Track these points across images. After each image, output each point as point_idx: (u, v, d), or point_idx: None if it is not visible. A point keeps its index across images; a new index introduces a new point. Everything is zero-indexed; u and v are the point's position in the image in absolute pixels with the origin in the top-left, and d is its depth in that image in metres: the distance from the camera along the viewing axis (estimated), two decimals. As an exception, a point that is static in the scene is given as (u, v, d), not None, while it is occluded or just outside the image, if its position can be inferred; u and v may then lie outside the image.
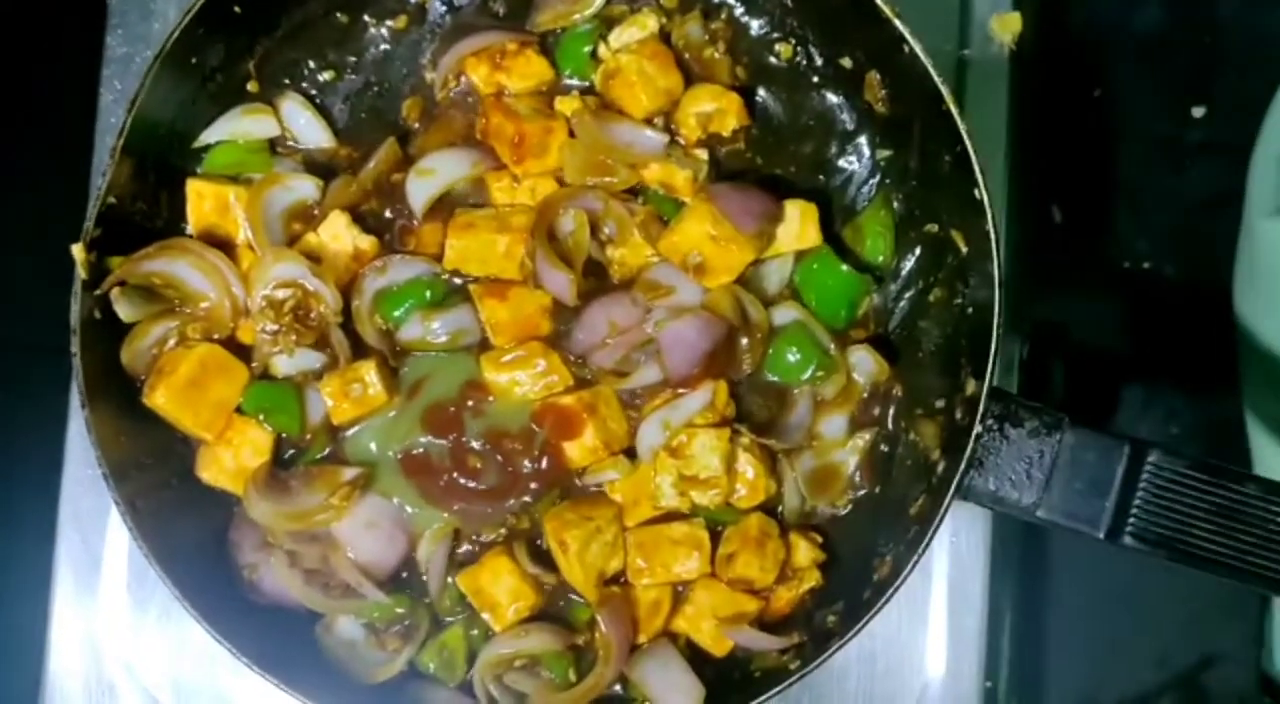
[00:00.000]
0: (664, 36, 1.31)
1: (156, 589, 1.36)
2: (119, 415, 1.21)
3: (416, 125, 1.33)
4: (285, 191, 1.27)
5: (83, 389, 1.17)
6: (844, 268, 1.28)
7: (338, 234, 1.26)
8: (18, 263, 1.50)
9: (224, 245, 1.26)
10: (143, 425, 1.23)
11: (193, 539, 1.25)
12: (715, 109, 1.29)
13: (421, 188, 1.28)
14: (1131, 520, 1.07)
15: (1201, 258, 1.45)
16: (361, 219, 1.28)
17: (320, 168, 1.31)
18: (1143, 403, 1.59)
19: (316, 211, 1.27)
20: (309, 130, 1.31)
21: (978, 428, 1.12)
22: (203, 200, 1.26)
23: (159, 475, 1.24)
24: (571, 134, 1.28)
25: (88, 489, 1.40)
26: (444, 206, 1.29)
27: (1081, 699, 1.58)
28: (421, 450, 1.26)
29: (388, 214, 1.30)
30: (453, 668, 1.27)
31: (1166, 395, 1.61)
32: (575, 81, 1.31)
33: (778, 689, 1.17)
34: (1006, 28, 1.41)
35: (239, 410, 1.25)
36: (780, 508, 1.30)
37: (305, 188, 1.27)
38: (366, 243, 1.27)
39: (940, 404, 1.23)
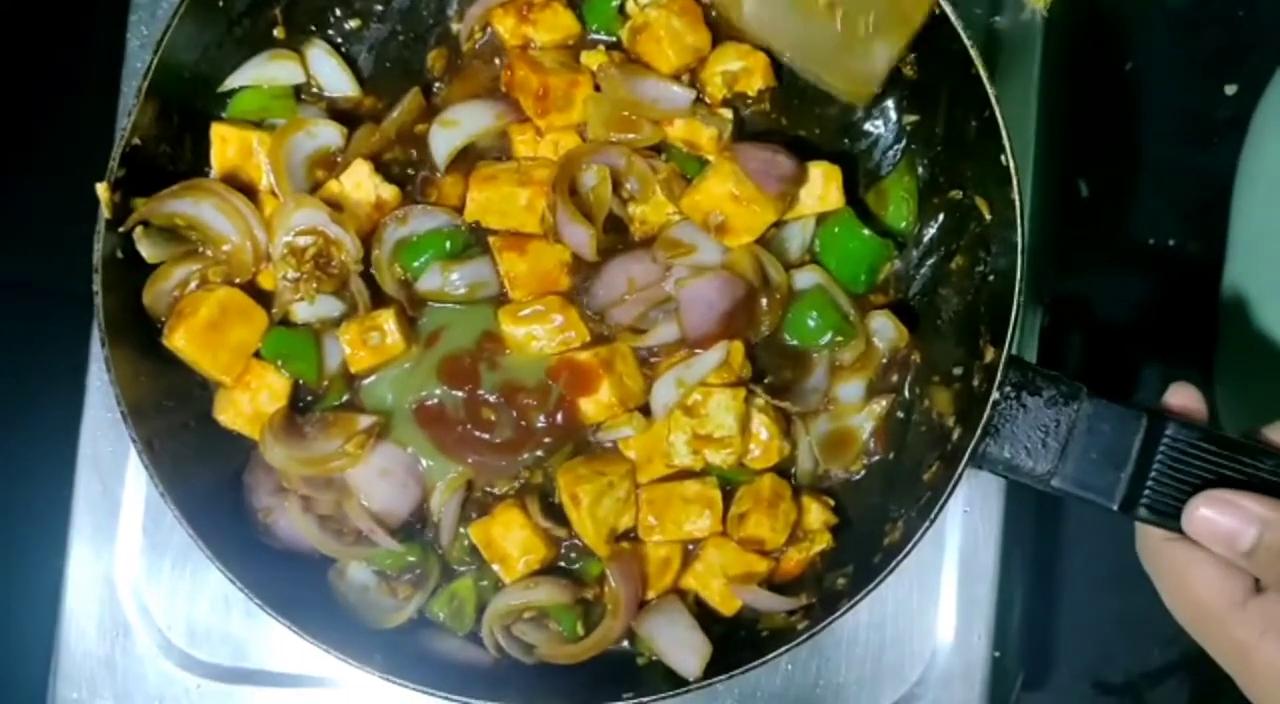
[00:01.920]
0: (693, -7, 1.29)
1: (172, 534, 1.39)
2: (139, 356, 1.22)
3: (441, 76, 1.32)
4: (309, 138, 1.27)
5: (103, 328, 1.18)
6: (865, 232, 1.27)
7: (360, 182, 1.26)
8: (43, 208, 1.50)
9: (247, 190, 1.26)
10: (162, 367, 1.23)
11: (209, 482, 1.26)
12: (741, 68, 1.28)
13: (445, 139, 1.28)
14: (1146, 492, 1.07)
15: (1227, 237, 1.43)
16: (384, 168, 1.28)
17: (344, 116, 1.30)
18: (1162, 379, 1.58)
19: (339, 159, 1.27)
20: (334, 78, 1.31)
21: (995, 395, 1.11)
22: (226, 145, 1.26)
23: (177, 418, 1.25)
24: (597, 88, 1.27)
25: (107, 433, 1.41)
26: (466, 159, 1.29)
27: (1089, 675, 1.58)
28: (436, 401, 1.26)
29: (410, 165, 1.30)
30: (462, 617, 1.28)
31: (1186, 373, 1.59)
32: (602, 37, 1.31)
33: (784, 649, 1.17)
34: (1039, -5, 1.40)
35: (257, 355, 1.25)
36: (793, 470, 1.30)
37: (329, 135, 1.27)
38: (388, 192, 1.26)
39: (958, 372, 1.23)
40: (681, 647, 1.23)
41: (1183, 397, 1.10)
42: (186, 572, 1.39)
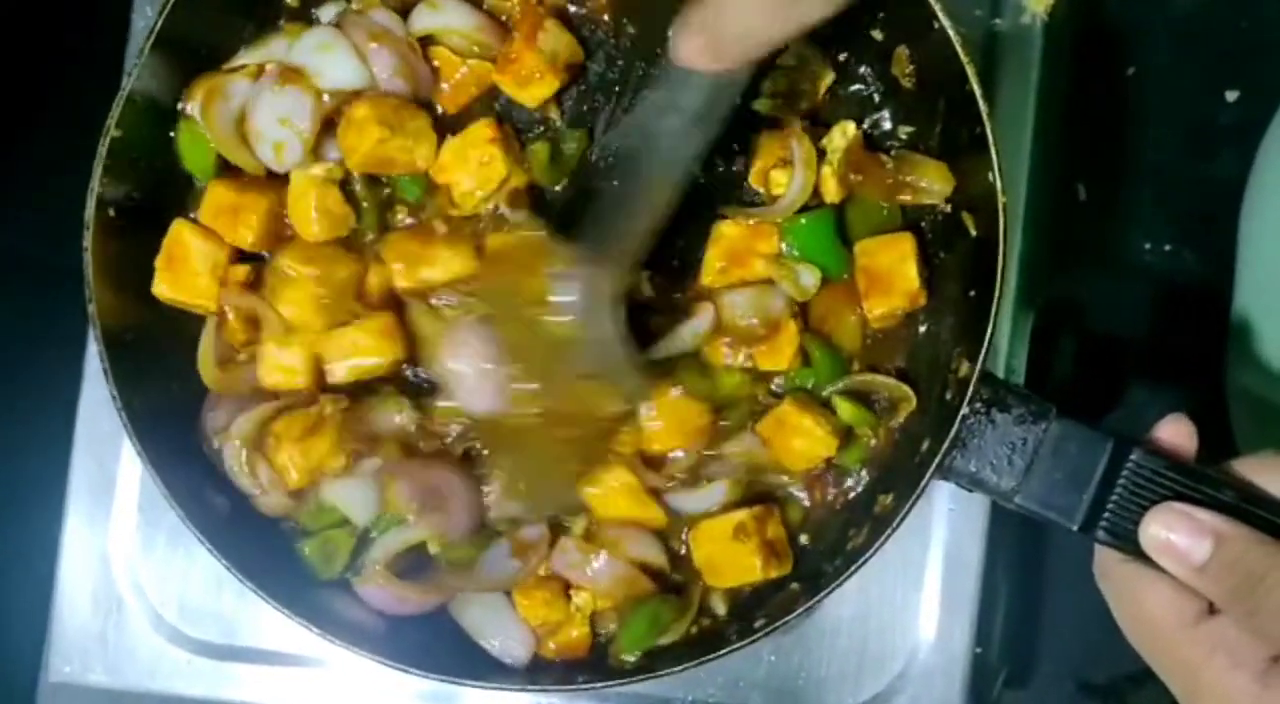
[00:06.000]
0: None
1: (167, 512, 1.35)
2: (126, 313, 1.24)
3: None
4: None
5: (91, 284, 1.20)
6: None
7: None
8: (40, 183, 1.50)
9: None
10: (148, 327, 1.27)
11: (186, 444, 1.28)
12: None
13: (424, 17, 1.26)
14: (1106, 514, 1.07)
15: (1224, 245, 1.42)
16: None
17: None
18: (1150, 386, 1.57)
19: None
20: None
21: (965, 409, 1.11)
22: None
23: (159, 380, 1.27)
24: None
25: (105, 411, 1.38)
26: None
27: (1072, 676, 1.58)
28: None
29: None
30: (332, 562, 1.30)
31: (1175, 380, 1.60)
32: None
33: (748, 641, 1.18)
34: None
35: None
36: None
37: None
38: None
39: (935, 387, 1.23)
40: (505, 636, 1.24)
41: (1174, 431, 1.08)
42: (180, 550, 1.41)
